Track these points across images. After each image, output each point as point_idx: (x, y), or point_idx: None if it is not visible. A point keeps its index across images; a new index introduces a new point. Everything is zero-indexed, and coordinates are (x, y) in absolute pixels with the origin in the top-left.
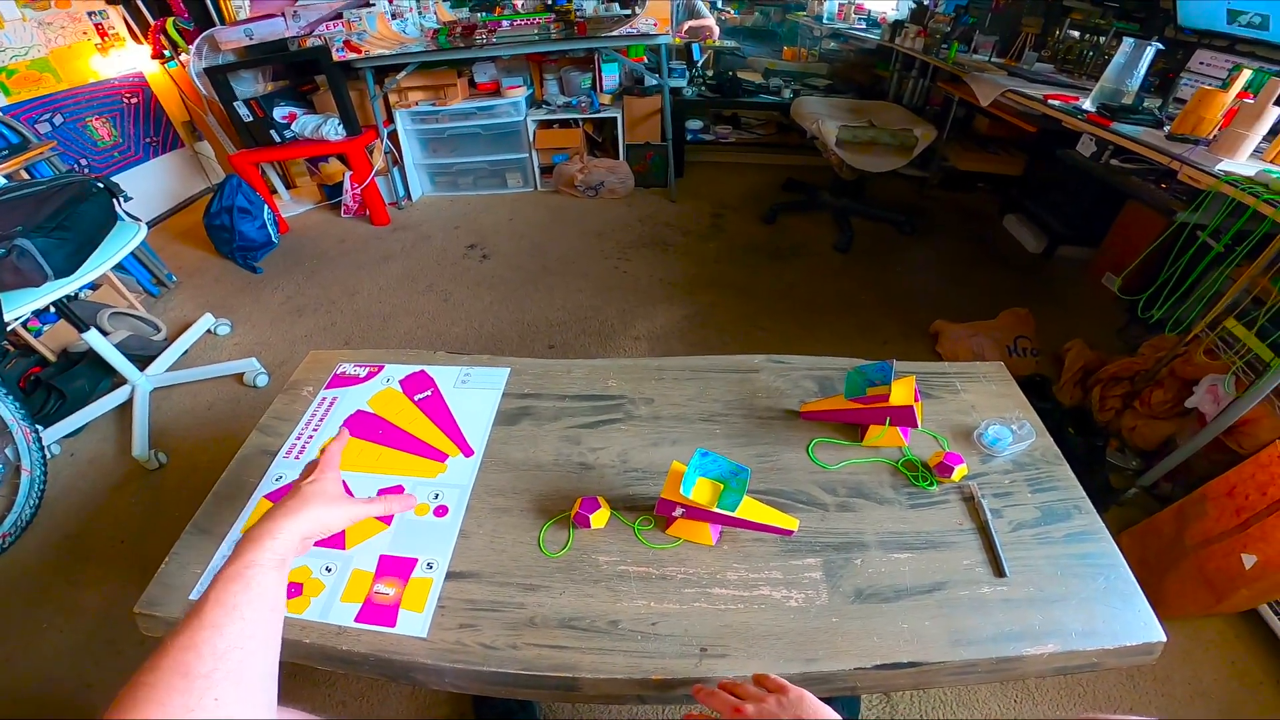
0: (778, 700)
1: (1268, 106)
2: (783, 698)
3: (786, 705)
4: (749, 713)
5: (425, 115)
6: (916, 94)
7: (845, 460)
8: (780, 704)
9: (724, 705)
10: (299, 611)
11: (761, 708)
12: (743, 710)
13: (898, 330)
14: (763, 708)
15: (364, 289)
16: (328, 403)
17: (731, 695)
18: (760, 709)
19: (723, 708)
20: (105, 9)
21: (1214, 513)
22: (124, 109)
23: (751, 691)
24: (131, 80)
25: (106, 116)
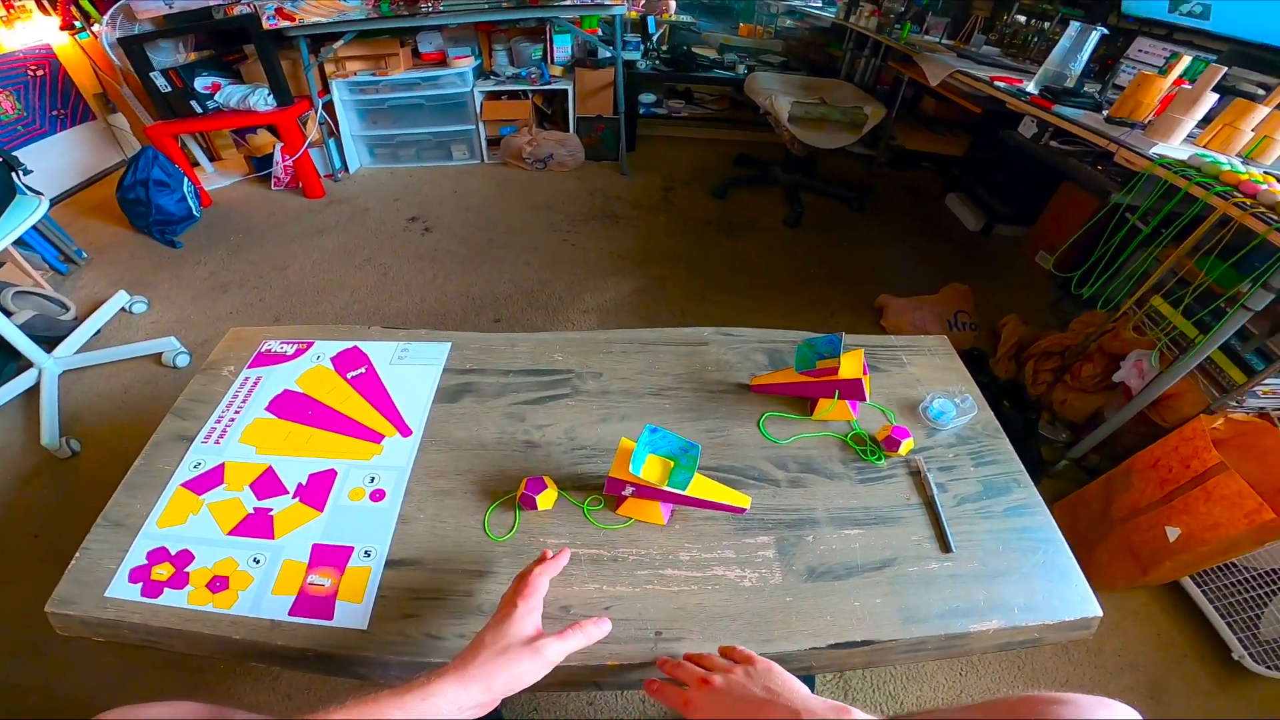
0: (745, 671)
1: (1205, 93)
2: (750, 668)
3: (755, 676)
4: (716, 683)
5: (364, 85)
6: (868, 73)
7: (796, 435)
8: (748, 674)
9: (690, 676)
10: (226, 606)
11: (729, 678)
12: (710, 681)
13: (845, 304)
14: (730, 678)
15: (295, 264)
16: (251, 382)
17: (698, 666)
18: (728, 679)
19: (689, 679)
20: None
21: (1139, 485)
22: (29, 82)
23: (719, 662)
24: (37, 52)
25: (9, 90)
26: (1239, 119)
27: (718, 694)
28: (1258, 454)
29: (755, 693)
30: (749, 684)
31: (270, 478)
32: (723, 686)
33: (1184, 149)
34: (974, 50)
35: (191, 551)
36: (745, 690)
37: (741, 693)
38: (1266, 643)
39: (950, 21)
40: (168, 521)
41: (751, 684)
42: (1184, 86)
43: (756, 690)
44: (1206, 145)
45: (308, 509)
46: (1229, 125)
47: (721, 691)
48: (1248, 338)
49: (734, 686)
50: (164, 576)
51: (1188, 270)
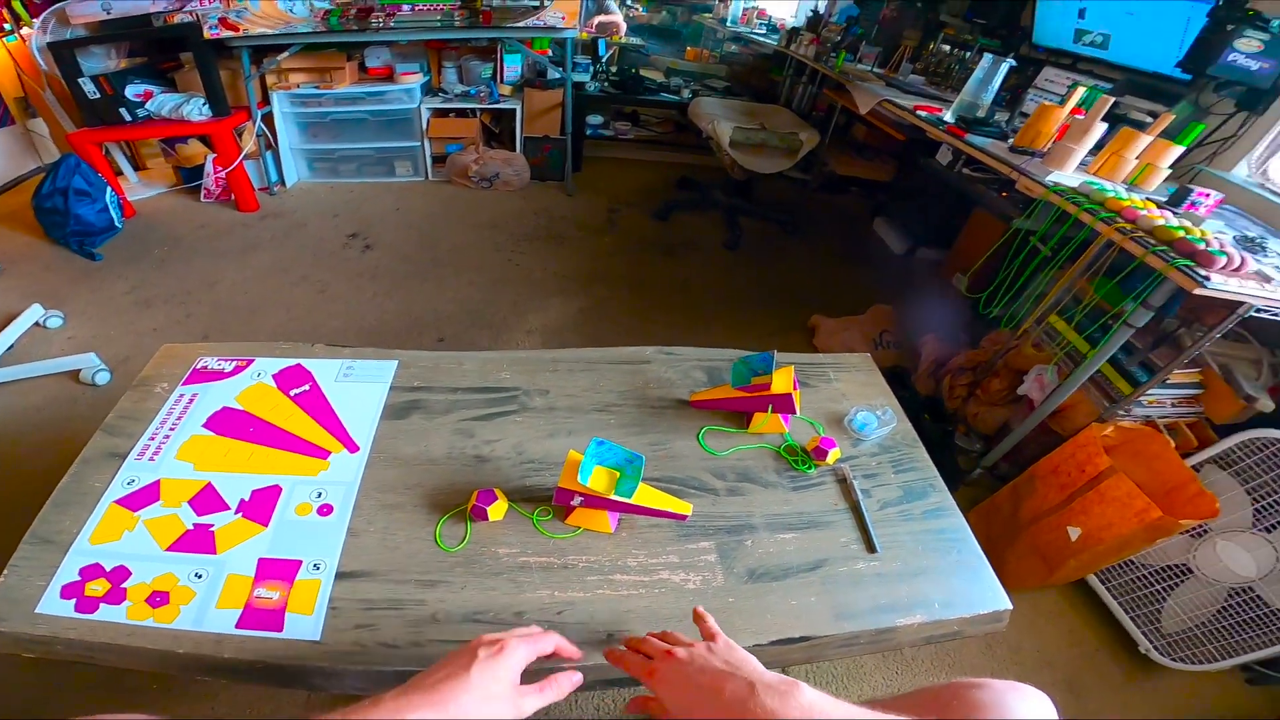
0: (708, 646)
1: (1095, 122)
2: (713, 644)
3: (716, 650)
4: (680, 654)
5: (307, 98)
6: (804, 100)
7: (733, 447)
8: (710, 649)
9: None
10: (168, 621)
11: (692, 651)
12: (674, 653)
13: (780, 324)
14: (693, 651)
15: (226, 279)
16: (186, 399)
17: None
18: (691, 652)
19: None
20: None
21: (1042, 490)
22: None
23: (682, 638)
24: None
25: None
26: (1125, 147)
27: (680, 664)
28: (1145, 459)
29: (715, 665)
30: (710, 657)
31: (210, 494)
32: (685, 658)
33: (1076, 176)
34: (901, 79)
35: (128, 567)
36: (706, 662)
37: (703, 664)
38: (1169, 636)
39: (881, 51)
40: (101, 538)
41: (713, 657)
42: (1079, 116)
43: (717, 663)
44: (1096, 173)
45: (251, 524)
46: (1116, 154)
47: (684, 662)
48: (1133, 352)
49: (696, 658)
50: (99, 592)
51: (1079, 289)
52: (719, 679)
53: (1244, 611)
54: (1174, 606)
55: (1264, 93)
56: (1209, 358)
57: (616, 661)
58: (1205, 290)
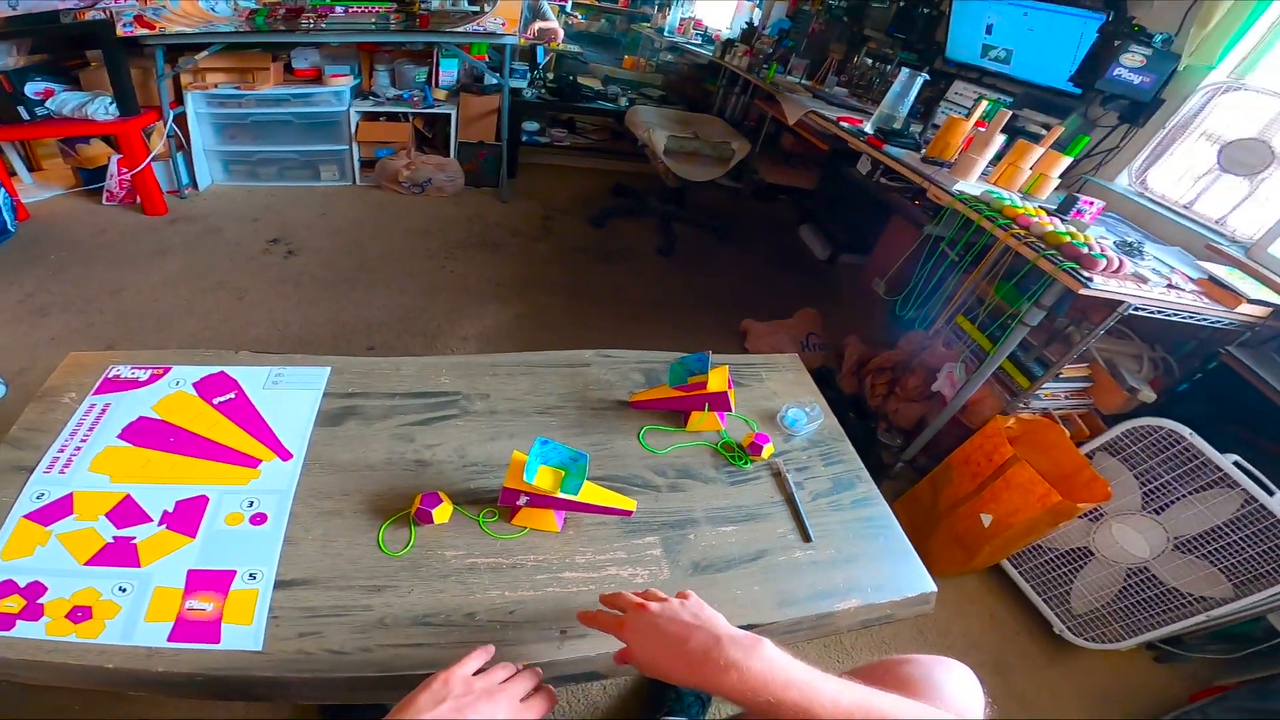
0: (679, 601)
1: (995, 134)
2: (683, 600)
3: (686, 605)
4: (651, 608)
5: (225, 99)
6: (737, 109)
7: (672, 445)
8: (681, 604)
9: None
10: (92, 636)
11: (663, 605)
12: (645, 605)
13: (713, 329)
14: (664, 605)
15: (131, 286)
16: (98, 409)
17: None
18: (662, 606)
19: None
20: None
21: (957, 479)
22: None
23: (655, 593)
24: None
25: None
26: (1021, 158)
27: (650, 616)
28: (1044, 447)
29: (684, 617)
30: (680, 610)
31: (129, 506)
32: (656, 610)
33: (979, 185)
34: (827, 91)
35: (44, 583)
36: (676, 615)
37: (672, 615)
38: (1079, 616)
39: (810, 63)
40: (11, 554)
41: (682, 611)
42: (982, 129)
43: (685, 616)
44: (996, 182)
45: (178, 535)
46: (1013, 164)
47: (654, 614)
48: (1029, 349)
49: (666, 611)
50: (14, 609)
51: (983, 291)
52: (686, 629)
53: (1142, 590)
54: (1081, 588)
55: (1144, 105)
56: (1096, 353)
57: (589, 621)
58: (1089, 291)
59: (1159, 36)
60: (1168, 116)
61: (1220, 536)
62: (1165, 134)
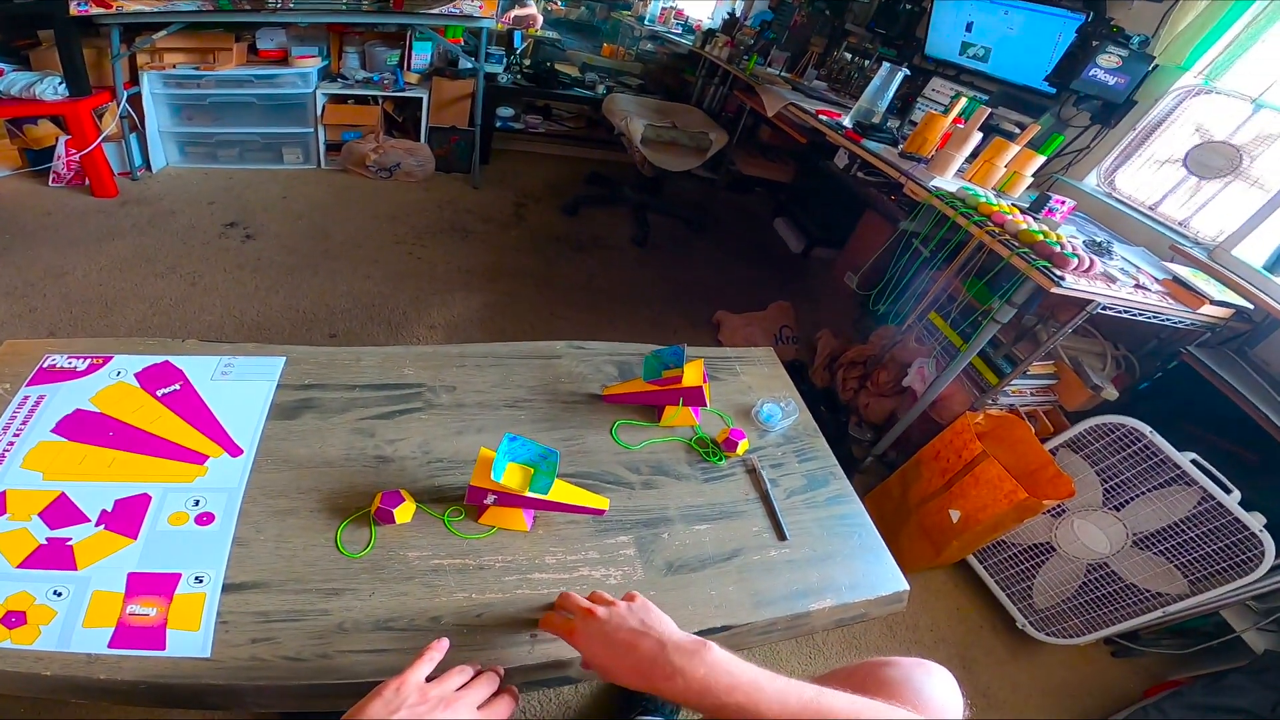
0: (627, 606)
1: (973, 131)
2: (631, 604)
3: (633, 610)
4: (599, 614)
5: (183, 80)
6: (715, 100)
7: (646, 440)
8: (629, 609)
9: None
10: (27, 642)
11: (611, 610)
12: (594, 612)
13: (686, 320)
14: (612, 610)
15: (77, 270)
16: (32, 402)
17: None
18: (610, 612)
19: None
20: None
21: (926, 475)
22: None
23: (604, 597)
24: None
25: None
26: (996, 156)
27: (598, 623)
28: (1011, 444)
29: (631, 624)
30: (627, 617)
31: (64, 505)
32: (604, 617)
33: (955, 182)
34: (806, 84)
35: None
36: (623, 622)
37: (619, 623)
38: (1041, 611)
39: (790, 56)
40: None
41: (630, 616)
42: (960, 125)
43: (633, 621)
44: (972, 179)
45: (117, 536)
46: (988, 161)
47: (602, 622)
48: (998, 346)
49: (614, 617)
50: None
51: (955, 288)
52: (633, 637)
53: (1102, 586)
54: (1042, 583)
55: (1117, 106)
56: (1062, 351)
57: (544, 625)
58: (1060, 289)
59: (1136, 38)
60: (1139, 118)
61: (1177, 533)
62: (1135, 135)
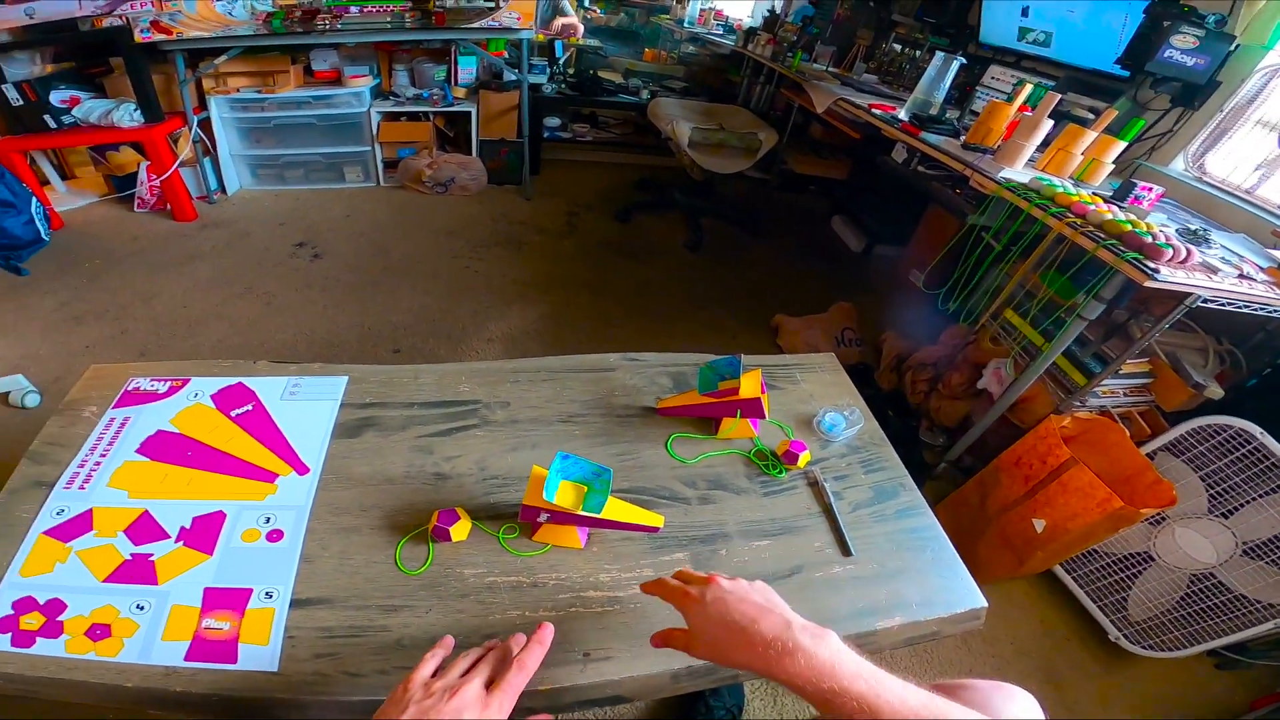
0: (749, 583)
1: (1043, 119)
2: (753, 582)
3: (755, 588)
4: (722, 582)
5: (248, 103)
6: (762, 99)
7: (703, 454)
8: (753, 585)
9: (695, 576)
10: (111, 654)
11: (735, 582)
12: (715, 579)
13: (743, 325)
14: (736, 582)
15: (164, 293)
16: (118, 423)
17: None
18: (734, 582)
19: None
20: None
21: (1007, 482)
22: None
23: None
24: None
25: None
26: (1071, 143)
27: (721, 592)
28: (1103, 448)
29: (755, 599)
30: (750, 592)
31: (147, 522)
32: (728, 586)
33: (1026, 172)
34: (855, 78)
35: (63, 600)
36: (748, 595)
37: (744, 595)
38: (1137, 623)
39: (836, 50)
40: (32, 570)
41: (753, 593)
42: (1027, 113)
43: (757, 598)
44: (1044, 169)
45: (195, 553)
46: (1063, 149)
47: (726, 590)
48: (1086, 344)
49: (738, 589)
50: (34, 626)
51: (1033, 284)
52: (757, 610)
53: (1207, 598)
54: (1139, 594)
55: (1199, 88)
56: (1158, 348)
57: (652, 589)
58: (1155, 283)
59: (1211, 17)
60: (1225, 99)
61: None
62: (1223, 116)
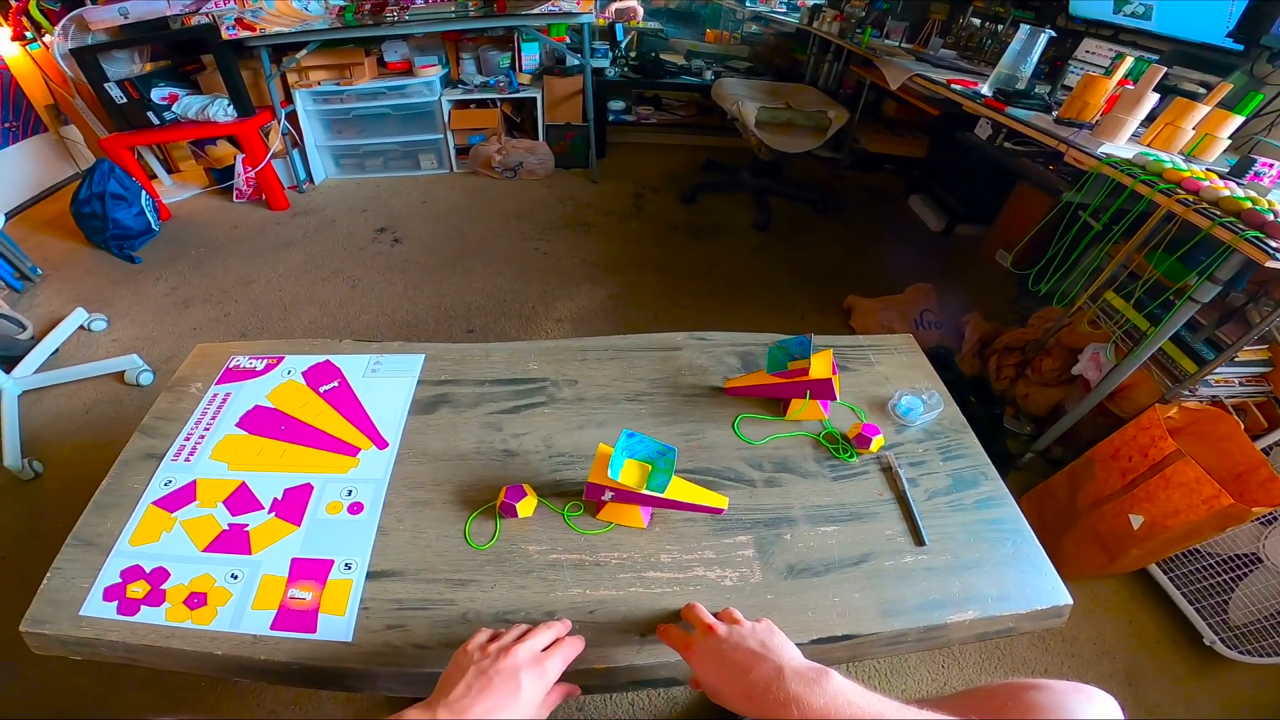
0: (751, 627)
1: (1147, 92)
2: (756, 625)
3: (756, 631)
4: (720, 631)
5: (328, 95)
6: (831, 77)
7: (770, 435)
8: (752, 630)
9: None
10: (205, 622)
11: (732, 629)
12: (714, 629)
13: (814, 306)
14: (733, 629)
15: (261, 277)
16: (220, 399)
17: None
18: (730, 629)
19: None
20: None
21: (1102, 475)
22: None
23: (729, 614)
24: None
25: None
26: (1180, 118)
27: (716, 640)
28: (1213, 441)
29: (750, 645)
30: (747, 637)
31: (244, 493)
32: (724, 635)
33: (1129, 148)
34: (931, 54)
35: (167, 569)
36: (742, 641)
37: (737, 642)
38: (1237, 628)
39: (909, 26)
40: (140, 540)
41: (750, 638)
42: (1128, 87)
43: (752, 643)
44: (1150, 144)
45: (284, 524)
46: (1171, 124)
47: (721, 639)
48: (1197, 329)
49: (734, 636)
50: (140, 594)
51: (1137, 264)
52: (750, 659)
53: None
54: (1242, 597)
55: None
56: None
57: (661, 634)
58: (1277, 263)
59: None
60: None
61: None
62: None
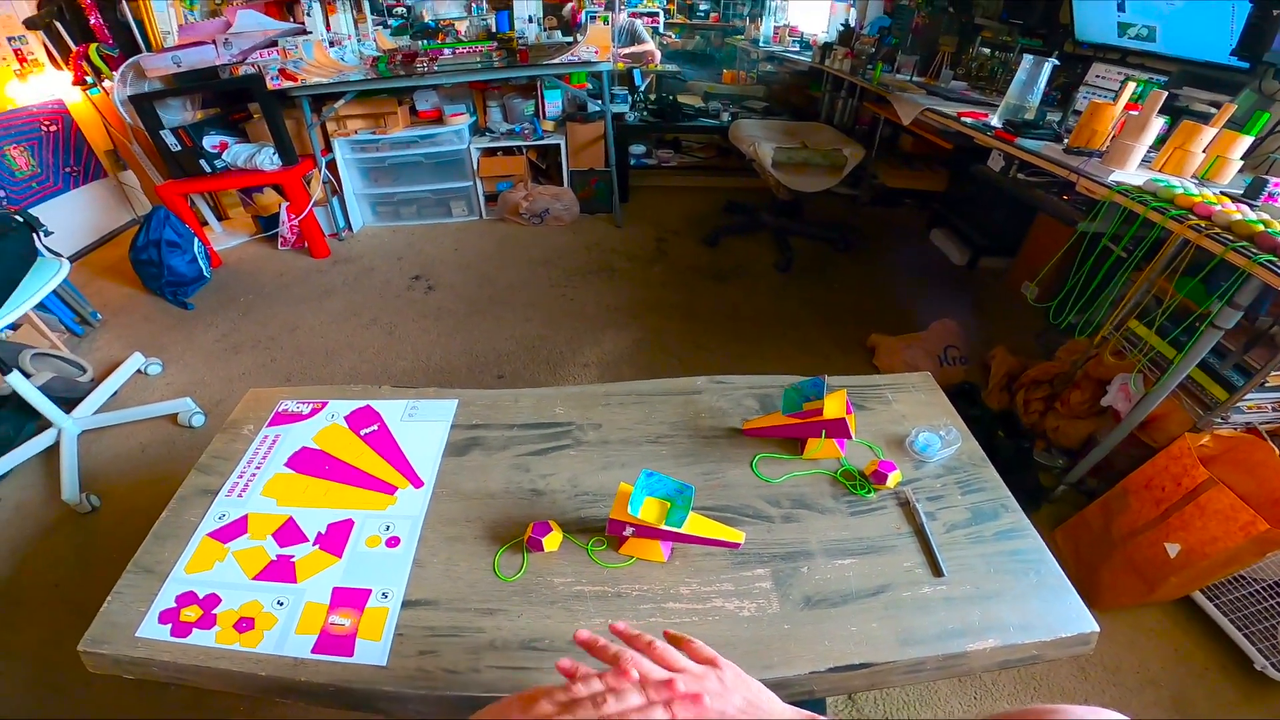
0: (718, 678)
1: (1151, 117)
2: (720, 674)
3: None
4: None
5: (365, 144)
6: (846, 114)
7: (787, 474)
8: (722, 682)
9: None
10: (252, 645)
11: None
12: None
13: (838, 345)
14: (705, 687)
15: (304, 324)
16: (270, 440)
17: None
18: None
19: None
20: (25, 34)
21: (1136, 505)
22: (43, 137)
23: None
24: (51, 108)
25: (24, 145)
26: (1188, 141)
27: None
28: (1249, 467)
29: (736, 703)
30: (728, 696)
31: (291, 527)
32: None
33: (1140, 174)
34: (943, 86)
35: (219, 595)
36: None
37: (722, 707)
38: None
39: (919, 59)
40: (195, 568)
41: (729, 694)
42: (1134, 112)
43: (736, 700)
44: (1162, 169)
45: (327, 555)
46: (1180, 148)
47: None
48: (1225, 355)
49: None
50: (192, 618)
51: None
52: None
53: None
54: None
55: None
56: None
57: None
58: None
59: None
60: None
61: None
62: None
